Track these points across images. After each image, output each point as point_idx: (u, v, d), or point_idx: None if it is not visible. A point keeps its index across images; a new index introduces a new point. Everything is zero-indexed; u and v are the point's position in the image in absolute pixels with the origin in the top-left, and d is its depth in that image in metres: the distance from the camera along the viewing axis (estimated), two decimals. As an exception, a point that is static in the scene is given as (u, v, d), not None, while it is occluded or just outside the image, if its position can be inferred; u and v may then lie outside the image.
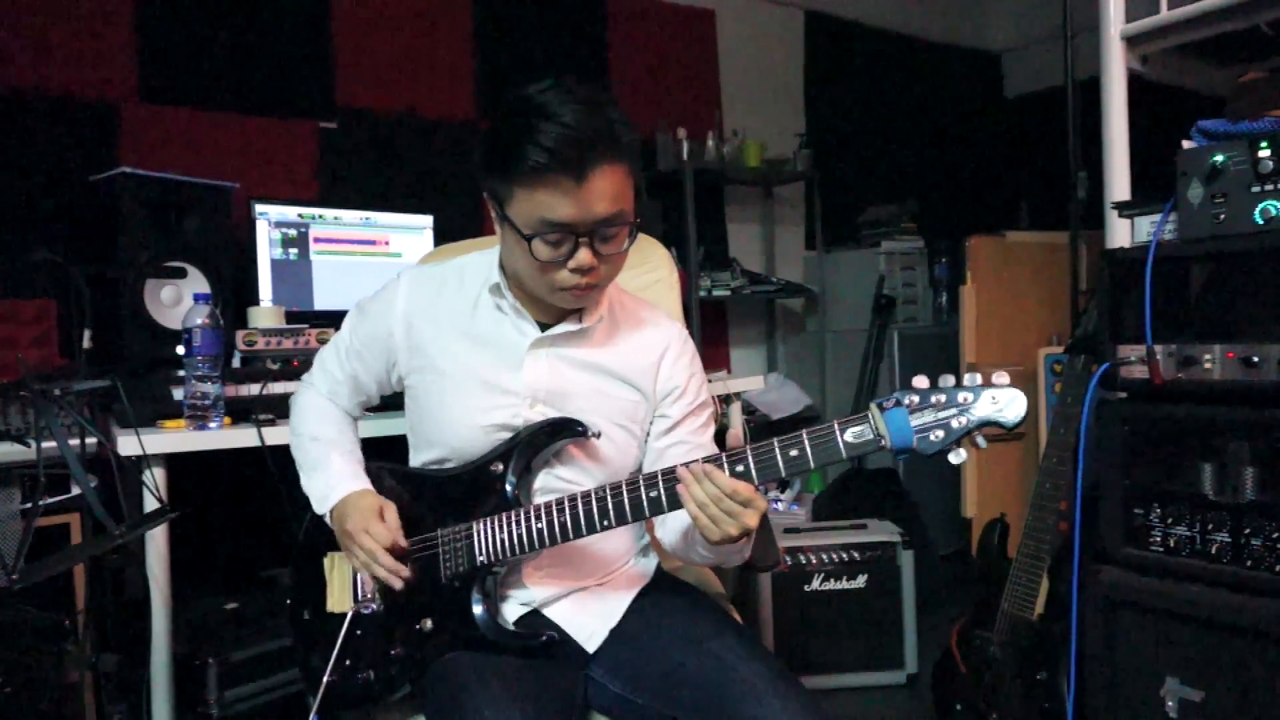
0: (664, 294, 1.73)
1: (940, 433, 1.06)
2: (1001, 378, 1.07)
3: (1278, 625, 1.38)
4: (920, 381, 1.08)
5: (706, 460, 1.12)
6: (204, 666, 1.84)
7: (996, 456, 3.05)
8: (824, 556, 2.58)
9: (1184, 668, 1.50)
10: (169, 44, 2.59)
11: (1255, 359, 1.42)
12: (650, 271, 1.74)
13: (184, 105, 2.61)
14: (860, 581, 2.58)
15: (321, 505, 1.32)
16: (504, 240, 1.23)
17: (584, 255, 1.16)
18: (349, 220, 2.55)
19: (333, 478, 1.32)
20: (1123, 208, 1.69)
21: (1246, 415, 1.43)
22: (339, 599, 1.33)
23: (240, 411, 1.85)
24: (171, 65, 2.60)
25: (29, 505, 1.72)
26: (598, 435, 1.27)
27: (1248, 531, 1.43)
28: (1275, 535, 1.40)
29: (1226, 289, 1.47)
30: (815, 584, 2.57)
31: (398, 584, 1.24)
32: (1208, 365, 1.47)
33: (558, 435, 1.26)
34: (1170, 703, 1.51)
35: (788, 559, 2.56)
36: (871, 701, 2.53)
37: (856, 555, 2.59)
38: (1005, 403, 1.05)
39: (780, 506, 3.20)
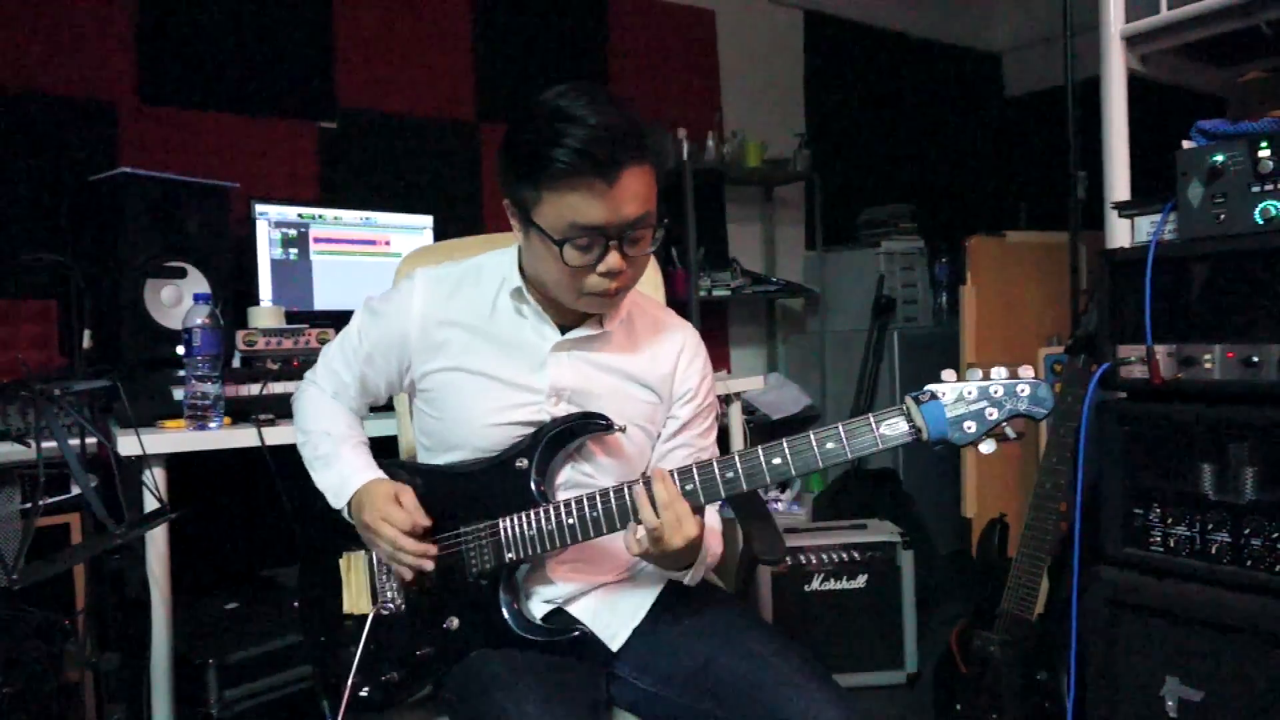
0: (649, 294, 1.72)
1: (973, 424, 1.10)
2: (1026, 370, 1.11)
3: (1278, 625, 1.38)
4: (948, 375, 1.12)
5: (742, 453, 1.14)
6: (204, 666, 1.84)
7: (996, 456, 3.04)
8: (824, 556, 2.57)
9: (1184, 668, 1.50)
10: (169, 44, 2.59)
11: (1255, 359, 1.42)
12: (642, 271, 1.73)
13: (184, 105, 2.61)
14: (860, 581, 2.58)
15: (337, 500, 1.31)
16: (529, 247, 1.22)
17: (614, 258, 1.16)
18: (349, 220, 2.55)
19: (345, 470, 1.30)
20: (1123, 208, 1.69)
21: (1246, 415, 1.43)
22: (356, 600, 1.31)
23: (240, 411, 1.85)
24: (171, 65, 2.60)
25: (29, 505, 1.72)
26: (623, 429, 1.27)
27: (1248, 531, 1.43)
28: (1275, 535, 1.40)
29: (1226, 289, 1.47)
30: (815, 584, 2.57)
31: (429, 566, 1.23)
32: (1208, 365, 1.47)
33: (583, 429, 1.26)
34: (1170, 703, 1.51)
35: (788, 559, 2.56)
36: (872, 701, 2.53)
37: (856, 555, 2.59)
38: (1033, 395, 1.10)
39: (780, 506, 3.20)
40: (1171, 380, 1.51)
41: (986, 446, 1.11)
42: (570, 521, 1.20)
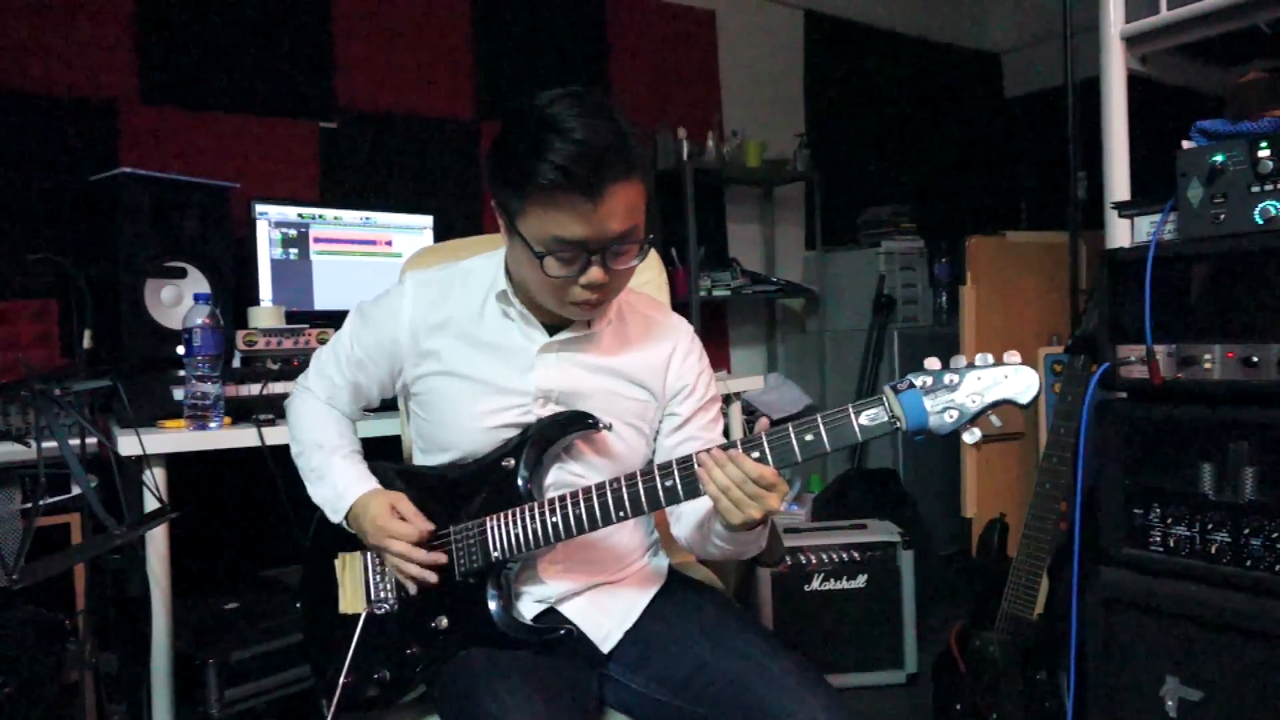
0: (654, 294, 1.72)
1: (954, 413, 1.07)
2: (1013, 356, 1.08)
3: (1278, 625, 1.38)
4: (932, 363, 1.09)
5: (723, 448, 1.13)
6: (204, 666, 1.84)
7: (996, 456, 3.05)
8: (824, 556, 2.57)
9: (1184, 668, 1.50)
10: (169, 44, 2.60)
11: (1255, 359, 1.42)
12: (641, 273, 1.73)
13: (184, 105, 2.61)
14: (860, 581, 2.58)
15: (334, 515, 1.32)
16: (513, 252, 1.22)
17: (595, 272, 1.15)
18: (349, 220, 2.55)
19: (339, 484, 1.31)
20: (1123, 208, 1.69)
21: (1246, 415, 1.43)
22: (351, 600, 1.33)
23: (240, 411, 1.86)
24: (171, 65, 2.60)
25: (29, 505, 1.73)
26: (609, 427, 1.26)
27: (1248, 531, 1.43)
28: (1275, 535, 1.40)
29: (1226, 289, 1.47)
30: (815, 584, 2.57)
31: (432, 578, 1.24)
32: (1208, 365, 1.47)
33: (569, 428, 1.26)
34: (1170, 703, 1.51)
35: (788, 559, 2.56)
36: (871, 701, 2.53)
37: (856, 555, 2.59)
38: (1017, 381, 1.06)
39: (780, 506, 3.20)
40: (1171, 380, 1.51)
41: (970, 436, 1.08)
42: (555, 520, 1.20)
